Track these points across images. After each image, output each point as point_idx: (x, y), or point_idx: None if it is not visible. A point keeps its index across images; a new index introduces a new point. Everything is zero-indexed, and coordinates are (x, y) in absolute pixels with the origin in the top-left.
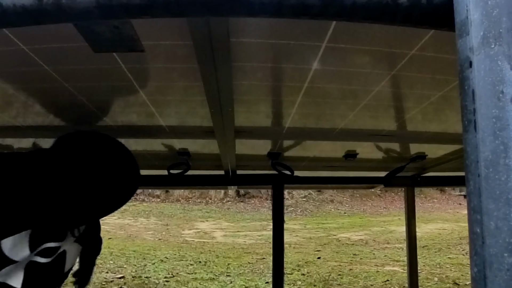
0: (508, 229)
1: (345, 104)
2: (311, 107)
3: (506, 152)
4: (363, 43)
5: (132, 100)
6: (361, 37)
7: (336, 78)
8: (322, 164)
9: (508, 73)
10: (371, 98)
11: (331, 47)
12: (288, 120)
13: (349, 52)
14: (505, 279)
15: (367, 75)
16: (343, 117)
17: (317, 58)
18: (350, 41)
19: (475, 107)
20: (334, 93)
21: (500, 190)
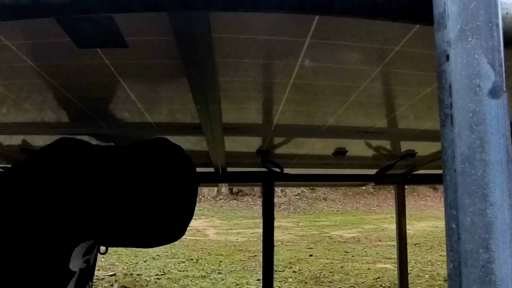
0: (483, 225)
1: (332, 100)
2: (298, 103)
3: (482, 147)
4: (348, 38)
5: (119, 97)
6: (345, 32)
7: (322, 74)
8: (312, 162)
9: (485, 66)
10: (359, 95)
11: (315, 42)
12: (275, 117)
13: (334, 48)
14: (480, 275)
15: (353, 71)
16: (331, 114)
17: (302, 53)
18: (334, 36)
19: (451, 101)
20: (320, 90)
21: (476, 185)
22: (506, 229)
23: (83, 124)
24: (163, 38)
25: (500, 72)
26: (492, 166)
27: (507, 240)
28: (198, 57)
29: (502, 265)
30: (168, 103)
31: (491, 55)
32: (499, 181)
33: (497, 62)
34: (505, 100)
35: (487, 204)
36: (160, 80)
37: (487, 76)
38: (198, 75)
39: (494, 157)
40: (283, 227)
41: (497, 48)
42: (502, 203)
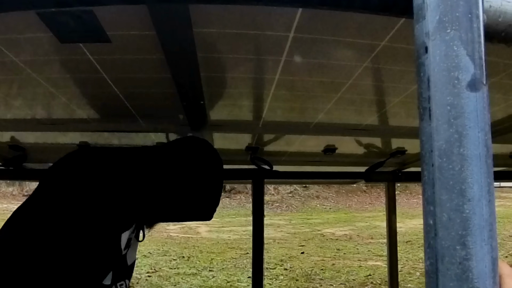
0: (461, 221)
1: (319, 97)
2: (285, 100)
3: (460, 141)
4: (333, 33)
5: (104, 92)
6: (330, 26)
7: (308, 70)
8: (302, 159)
9: (464, 58)
10: (345, 91)
11: (299, 37)
12: (263, 114)
13: (318, 42)
14: (457, 272)
15: (339, 67)
16: (318, 110)
17: (286, 49)
18: (317, 31)
19: (430, 95)
20: (307, 86)
21: (454, 180)
22: (484, 225)
23: (68, 120)
24: (145, 32)
25: (480, 64)
26: (470, 160)
27: (485, 236)
28: (181, 52)
29: (479, 262)
30: (154, 99)
31: (471, 47)
32: (477, 176)
33: (476, 54)
34: (485, 93)
35: (465, 199)
36: (144, 76)
37: (466, 68)
38: (182, 71)
39: (472, 151)
40: (275, 224)
41: (477, 40)
42: (480, 198)
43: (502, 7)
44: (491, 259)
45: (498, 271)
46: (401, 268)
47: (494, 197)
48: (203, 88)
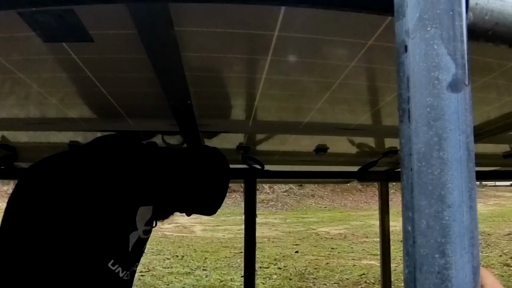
0: (440, 228)
1: (308, 96)
2: (274, 99)
3: (440, 144)
4: (319, 32)
5: (91, 92)
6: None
7: (293, 69)
8: (294, 159)
9: (445, 58)
10: (335, 90)
11: (285, 36)
12: (252, 113)
13: (304, 41)
14: (436, 282)
15: (328, 66)
16: (308, 109)
17: (271, 47)
18: (302, 30)
19: (409, 95)
20: (295, 85)
21: (433, 185)
22: (465, 232)
23: (56, 120)
24: (127, 32)
25: (462, 64)
26: (450, 164)
27: (466, 244)
28: (163, 51)
29: (459, 271)
30: (141, 99)
31: (452, 46)
32: (457, 181)
33: (458, 54)
34: (467, 94)
35: (444, 205)
36: (129, 75)
37: (446, 68)
38: (165, 70)
39: (452, 155)
40: (270, 223)
41: (460, 38)
42: (461, 204)
43: (488, 5)
44: (472, 268)
45: (479, 280)
46: (395, 267)
47: (476, 203)
48: (189, 88)
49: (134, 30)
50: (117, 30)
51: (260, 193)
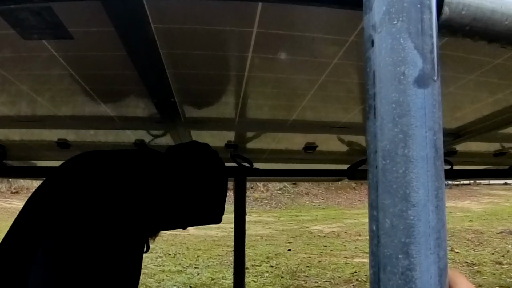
0: (404, 228)
1: (293, 94)
2: (258, 97)
3: (405, 141)
4: (297, 29)
5: (75, 89)
6: (295, 22)
7: (274, 66)
8: (283, 157)
9: (411, 52)
10: (320, 88)
11: (263, 33)
12: (237, 111)
13: (284, 38)
14: (399, 283)
15: (307, 63)
16: (294, 107)
17: (251, 44)
18: (282, 26)
19: (375, 91)
20: (279, 82)
21: (397, 184)
22: (430, 233)
23: (47, 118)
24: (105, 29)
25: (430, 58)
26: (415, 162)
27: (431, 245)
28: (142, 48)
29: (423, 272)
30: (124, 97)
31: (419, 40)
32: (423, 180)
33: (426, 48)
34: (435, 89)
35: (409, 205)
36: (111, 73)
37: (413, 63)
38: (146, 68)
39: (418, 152)
40: (263, 221)
41: (428, 32)
42: (427, 204)
43: (465, 0)
44: (437, 270)
45: (446, 282)
46: None
47: (444, 202)
48: (172, 85)
49: (111, 27)
50: (96, 27)
51: (254, 191)
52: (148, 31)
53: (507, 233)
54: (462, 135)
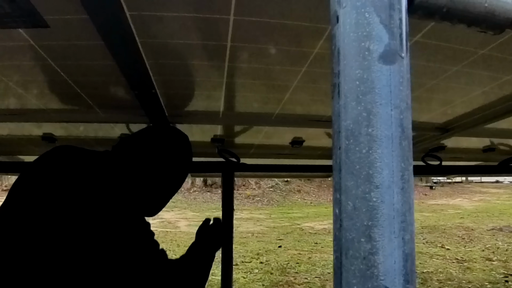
0: (367, 210)
1: (277, 86)
2: (240, 88)
3: (369, 120)
4: (273, 16)
5: (56, 81)
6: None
7: (253, 57)
8: (271, 152)
9: (377, 27)
10: (302, 79)
11: (240, 20)
12: (220, 104)
13: (262, 25)
14: (361, 268)
15: (289, 53)
16: (278, 100)
17: (229, 32)
18: (256, 13)
19: (339, 69)
20: (256, 74)
21: (360, 164)
22: (395, 215)
23: (30, 111)
24: (80, 17)
25: (397, 33)
26: (379, 142)
27: (395, 228)
28: (118, 37)
29: (387, 257)
30: (105, 88)
31: (386, 14)
32: (388, 160)
33: (393, 23)
34: (402, 66)
35: (372, 186)
36: (91, 64)
37: (378, 38)
38: (124, 57)
39: (382, 131)
40: (255, 218)
41: (397, 6)
42: (391, 185)
43: None
44: (402, 255)
45: (413, 268)
46: None
47: (411, 184)
48: (153, 76)
49: (85, 15)
50: (72, 15)
51: (246, 188)
52: (123, 19)
53: (498, 230)
54: (450, 130)
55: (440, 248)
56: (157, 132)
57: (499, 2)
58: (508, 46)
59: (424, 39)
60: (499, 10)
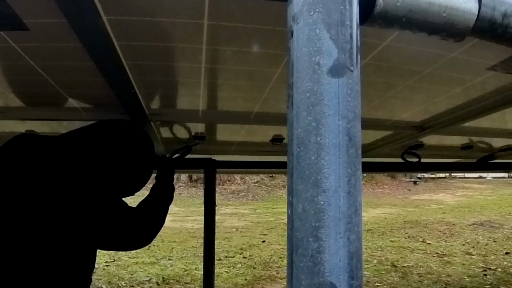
0: (314, 212)
1: (255, 86)
2: (220, 89)
3: (317, 129)
4: (248, 20)
5: (36, 81)
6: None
7: (230, 58)
8: (252, 149)
9: (327, 42)
10: (278, 80)
11: (213, 25)
12: (199, 103)
13: (236, 30)
14: (309, 266)
15: (262, 55)
16: (255, 99)
17: (204, 36)
18: (232, 17)
19: (293, 81)
20: (236, 74)
21: (309, 170)
22: (341, 217)
23: (12, 109)
24: (59, 20)
25: (346, 48)
26: (327, 150)
27: (340, 229)
28: (96, 39)
29: (332, 255)
30: (86, 88)
31: (335, 30)
32: (335, 166)
33: (342, 38)
34: (351, 78)
35: (320, 190)
36: (71, 64)
37: (328, 52)
38: (102, 59)
39: (330, 140)
40: (239, 214)
41: (347, 23)
42: (337, 189)
43: None
44: (347, 253)
45: (359, 266)
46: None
47: (358, 188)
48: (132, 76)
49: (63, 18)
50: (51, 18)
51: (232, 184)
52: (99, 22)
53: (478, 225)
54: (426, 128)
55: (421, 242)
56: (110, 124)
57: (457, 11)
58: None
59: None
60: (458, 20)
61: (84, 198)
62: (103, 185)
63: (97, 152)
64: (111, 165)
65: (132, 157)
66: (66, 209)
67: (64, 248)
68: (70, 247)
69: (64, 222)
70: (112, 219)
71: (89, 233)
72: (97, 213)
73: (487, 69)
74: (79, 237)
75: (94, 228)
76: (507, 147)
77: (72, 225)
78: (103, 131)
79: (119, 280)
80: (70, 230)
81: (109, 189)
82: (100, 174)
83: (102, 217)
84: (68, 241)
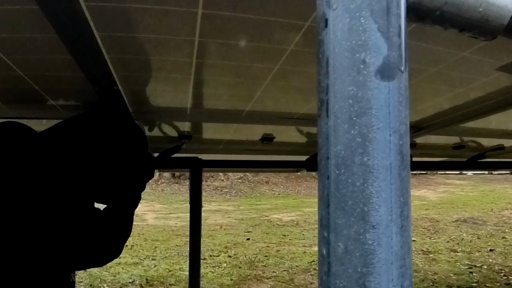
0: (361, 255)
1: (246, 83)
2: (209, 85)
3: (364, 147)
4: (250, 11)
5: (10, 76)
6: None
7: (221, 53)
8: (240, 148)
9: (374, 35)
10: (274, 77)
11: (208, 14)
12: (187, 100)
13: (230, 20)
14: None
15: (262, 50)
16: (249, 97)
17: (197, 27)
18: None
19: (328, 83)
20: (229, 69)
21: (354, 200)
22: (393, 260)
23: None
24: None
25: (397, 44)
26: (377, 173)
27: (393, 275)
28: (73, 29)
29: None
30: (63, 84)
31: (385, 20)
32: (386, 195)
33: (393, 30)
34: (402, 83)
35: (368, 226)
36: (44, 57)
37: (376, 48)
38: (81, 52)
39: (380, 161)
40: (223, 210)
41: (395, 11)
42: (389, 224)
43: None
44: None
45: None
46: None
47: (409, 222)
48: (114, 72)
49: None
50: (19, 4)
51: (215, 180)
52: (76, 9)
53: (462, 221)
54: (422, 128)
55: None
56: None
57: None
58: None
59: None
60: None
61: (51, 200)
62: (82, 188)
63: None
64: (95, 164)
65: (120, 155)
66: (29, 210)
67: (27, 250)
68: (33, 248)
69: (26, 221)
70: (80, 229)
71: (54, 242)
72: (64, 219)
73: (496, 69)
74: (41, 241)
75: (58, 237)
76: (498, 146)
77: (35, 226)
78: (88, 125)
79: (101, 282)
80: (32, 232)
81: (90, 193)
82: (83, 175)
83: (69, 225)
84: (29, 243)
